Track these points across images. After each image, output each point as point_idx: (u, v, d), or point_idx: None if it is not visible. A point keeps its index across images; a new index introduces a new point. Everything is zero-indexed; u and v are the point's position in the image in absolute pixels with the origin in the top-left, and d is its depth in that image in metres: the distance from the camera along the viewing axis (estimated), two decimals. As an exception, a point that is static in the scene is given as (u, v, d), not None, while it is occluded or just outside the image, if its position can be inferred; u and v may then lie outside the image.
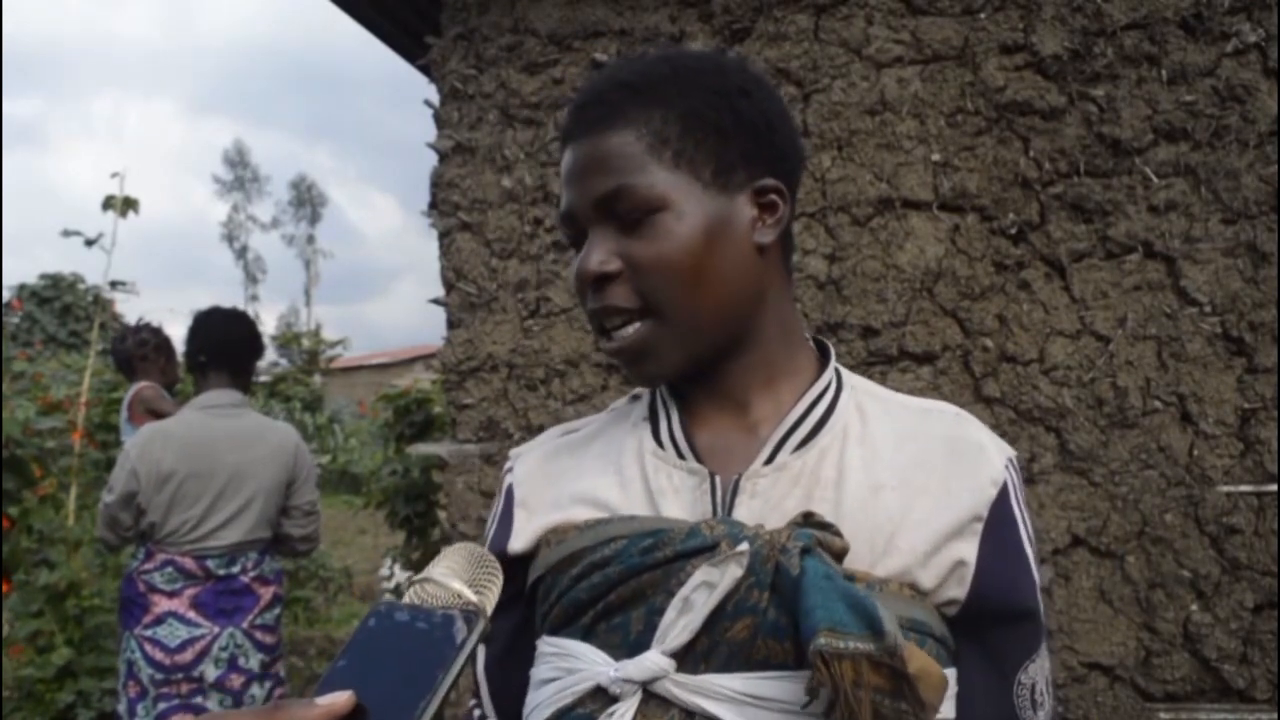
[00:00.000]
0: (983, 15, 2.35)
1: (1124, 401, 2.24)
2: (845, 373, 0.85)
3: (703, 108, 0.77)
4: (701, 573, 0.70)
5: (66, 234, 4.62)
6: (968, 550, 0.74)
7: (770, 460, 0.77)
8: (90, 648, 3.95)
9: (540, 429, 2.63)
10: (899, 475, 0.76)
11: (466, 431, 2.71)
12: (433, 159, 2.77)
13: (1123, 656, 2.23)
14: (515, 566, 0.83)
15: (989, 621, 0.75)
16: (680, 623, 0.70)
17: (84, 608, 3.99)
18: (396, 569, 5.52)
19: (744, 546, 0.69)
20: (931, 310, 2.37)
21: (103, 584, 4.27)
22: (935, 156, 2.36)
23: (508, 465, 0.92)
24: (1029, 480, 2.30)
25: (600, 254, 0.77)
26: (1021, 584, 0.76)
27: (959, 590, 0.74)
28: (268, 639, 2.72)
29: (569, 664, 0.75)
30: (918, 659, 0.65)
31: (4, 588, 3.89)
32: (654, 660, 0.70)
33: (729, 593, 0.69)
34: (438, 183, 2.75)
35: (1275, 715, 2.13)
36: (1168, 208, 2.24)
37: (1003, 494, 0.77)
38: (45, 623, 3.94)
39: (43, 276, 16.72)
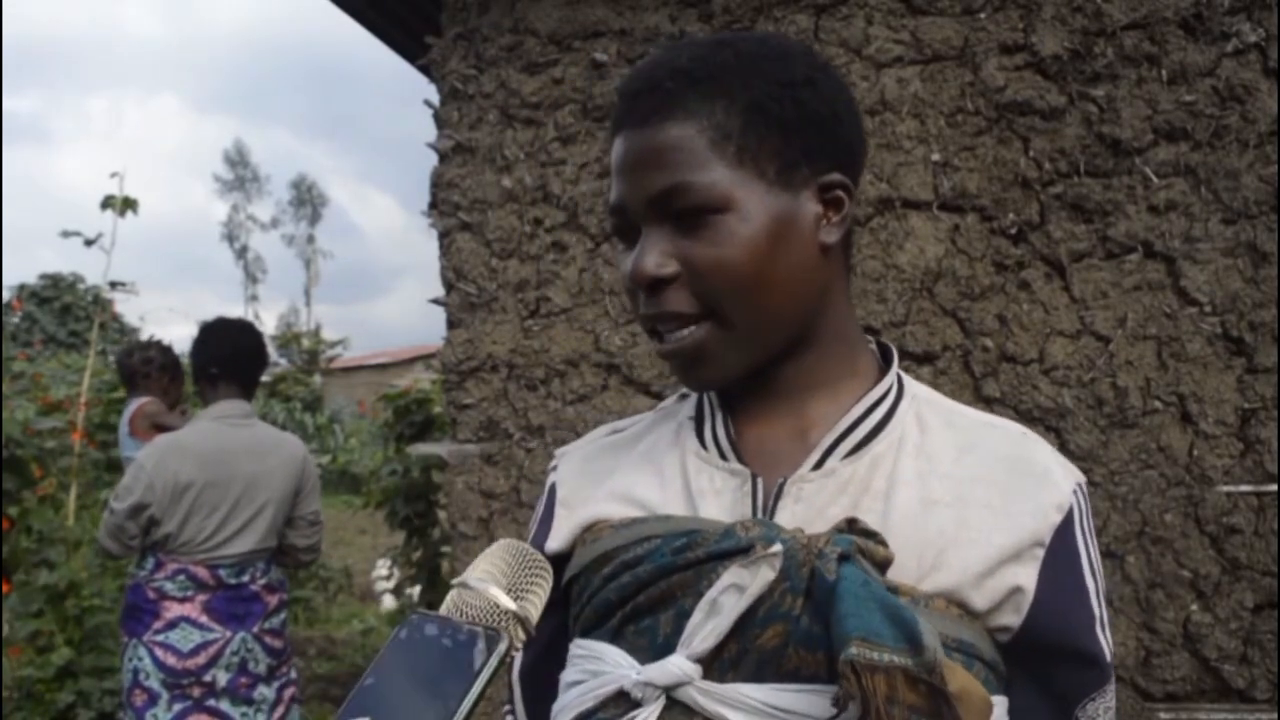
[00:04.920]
0: (983, 15, 2.35)
1: (1124, 401, 2.24)
2: (908, 379, 0.81)
3: (766, 99, 0.72)
4: (731, 574, 0.66)
5: (66, 234, 4.63)
6: (1026, 577, 0.69)
7: (819, 466, 0.74)
8: (90, 648, 3.96)
9: (540, 429, 2.63)
10: (955, 490, 0.72)
11: (466, 431, 2.71)
12: (433, 159, 2.77)
13: (1123, 656, 2.23)
14: (554, 567, 0.80)
15: (1045, 655, 0.71)
16: (707, 626, 0.66)
17: (84, 608, 3.99)
18: (395, 569, 5.52)
19: (777, 548, 0.65)
20: (931, 310, 2.37)
21: (103, 584, 4.27)
22: (935, 156, 2.36)
23: (552, 464, 0.89)
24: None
25: (656, 256, 0.72)
26: (1081, 621, 0.71)
27: (1014, 618, 0.69)
28: (276, 643, 2.75)
29: (595, 666, 0.72)
30: (959, 678, 0.61)
31: (4, 588, 3.89)
32: (678, 665, 0.67)
33: (760, 597, 0.65)
34: (438, 183, 2.75)
35: (1275, 715, 2.13)
36: (1168, 208, 2.24)
37: (1067, 521, 0.72)
38: (45, 623, 3.94)
39: (43, 276, 16.75)
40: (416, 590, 5.01)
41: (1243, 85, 2.20)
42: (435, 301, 2.80)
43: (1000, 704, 0.70)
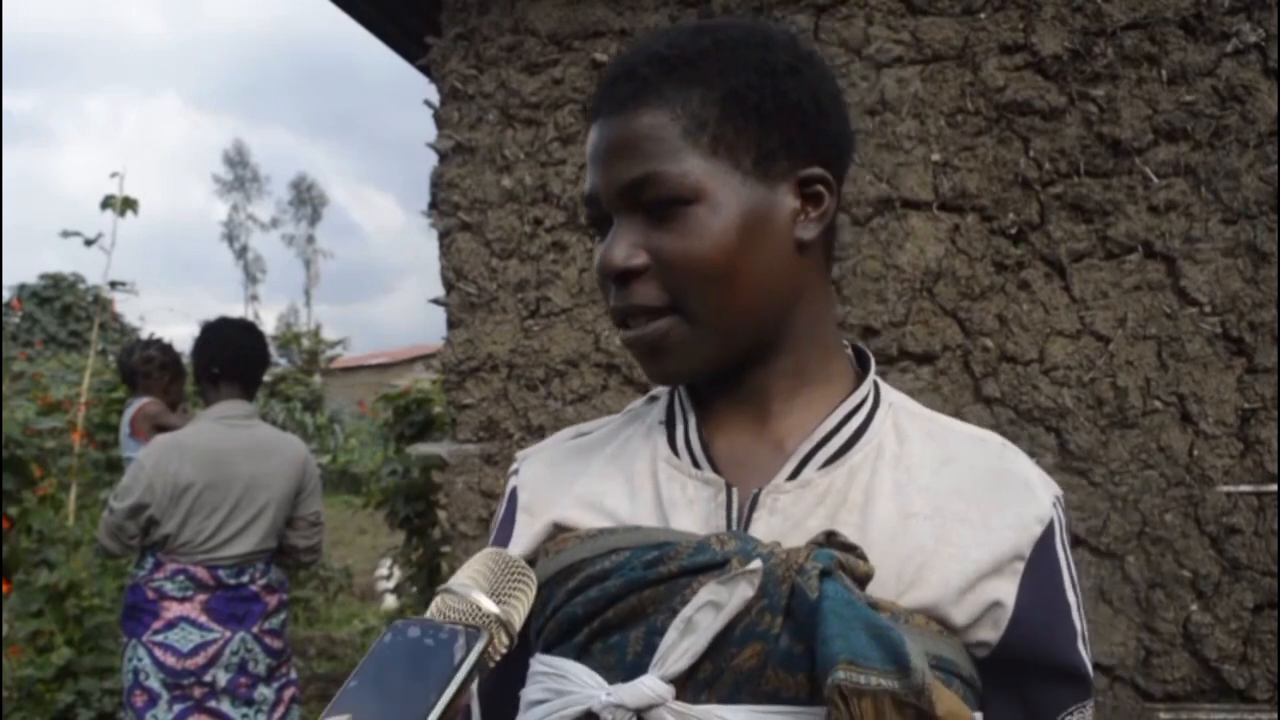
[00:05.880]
0: (983, 15, 2.35)
1: (1124, 401, 2.24)
2: (884, 387, 0.78)
3: (745, 88, 0.70)
4: (708, 591, 0.63)
5: (66, 234, 4.63)
6: (1005, 591, 0.68)
7: (794, 476, 0.71)
8: (90, 648, 3.96)
9: (540, 429, 2.63)
10: (934, 503, 0.70)
11: (466, 431, 2.71)
12: (433, 159, 2.77)
13: (1123, 656, 2.23)
14: None
15: (1022, 670, 0.69)
16: (682, 645, 0.64)
17: (84, 608, 4.00)
18: (395, 569, 5.53)
19: (756, 564, 0.63)
20: (931, 310, 2.37)
21: (103, 584, 4.28)
22: (935, 156, 2.36)
23: (513, 467, 0.86)
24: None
25: (624, 248, 0.71)
26: (1060, 634, 0.70)
27: (992, 633, 0.68)
28: (275, 643, 2.74)
29: (560, 685, 0.70)
30: (946, 700, 0.59)
31: (4, 588, 3.89)
32: (650, 685, 0.64)
33: (737, 615, 0.63)
34: (438, 183, 2.75)
35: (1275, 715, 2.13)
36: (1168, 208, 2.24)
37: (1048, 533, 0.70)
38: (45, 623, 3.95)
39: (43, 276, 16.74)
40: (416, 590, 5.01)
41: (1243, 85, 2.20)
42: (435, 301, 2.80)
43: None
